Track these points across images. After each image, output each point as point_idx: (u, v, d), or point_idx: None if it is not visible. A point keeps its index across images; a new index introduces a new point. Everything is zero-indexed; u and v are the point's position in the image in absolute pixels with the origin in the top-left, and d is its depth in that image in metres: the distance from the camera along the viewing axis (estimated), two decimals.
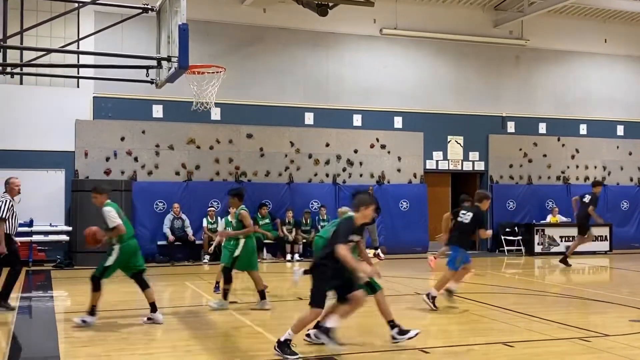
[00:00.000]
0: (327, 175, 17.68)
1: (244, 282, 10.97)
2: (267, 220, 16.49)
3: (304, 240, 16.69)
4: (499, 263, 16.49)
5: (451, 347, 7.01)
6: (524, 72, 19.84)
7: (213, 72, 10.12)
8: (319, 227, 16.43)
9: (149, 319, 8.14)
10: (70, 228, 15.17)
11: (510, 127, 19.67)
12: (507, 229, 18.82)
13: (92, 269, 8.31)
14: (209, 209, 16.15)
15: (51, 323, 8.38)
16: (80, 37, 13.19)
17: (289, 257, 16.45)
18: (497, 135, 19.46)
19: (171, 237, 15.79)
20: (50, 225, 15.20)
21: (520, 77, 19.84)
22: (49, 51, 9.97)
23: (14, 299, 9.68)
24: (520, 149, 19.63)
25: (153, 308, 8.17)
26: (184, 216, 16.14)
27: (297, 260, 16.29)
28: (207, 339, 7.42)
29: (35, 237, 14.82)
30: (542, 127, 19.85)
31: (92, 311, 7.99)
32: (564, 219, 18.80)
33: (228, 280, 9.25)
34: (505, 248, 18.43)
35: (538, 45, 19.77)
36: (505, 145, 19.47)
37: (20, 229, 14.23)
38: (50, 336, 7.64)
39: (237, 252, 9.17)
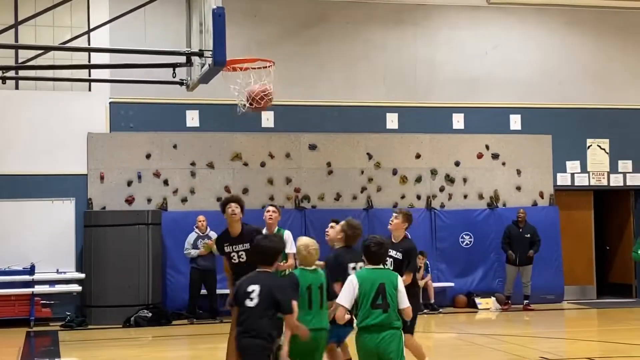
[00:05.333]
0: (418, 197, 17.73)
1: None
2: None
3: None
4: None
5: None
6: None
7: (259, 68, 10.43)
8: None
9: None
10: (83, 275, 15.73)
11: None
12: None
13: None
14: None
15: None
16: (91, 27, 13.84)
17: None
18: None
19: (195, 252, 15.62)
20: (57, 272, 15.84)
21: None
22: (50, 49, 10.58)
23: None
24: None
25: None
26: (212, 234, 15.15)
27: None
28: None
29: (38, 288, 15.42)
30: None
31: None
32: None
33: None
34: None
35: None
36: None
37: (18, 278, 15.25)
38: None
39: None
